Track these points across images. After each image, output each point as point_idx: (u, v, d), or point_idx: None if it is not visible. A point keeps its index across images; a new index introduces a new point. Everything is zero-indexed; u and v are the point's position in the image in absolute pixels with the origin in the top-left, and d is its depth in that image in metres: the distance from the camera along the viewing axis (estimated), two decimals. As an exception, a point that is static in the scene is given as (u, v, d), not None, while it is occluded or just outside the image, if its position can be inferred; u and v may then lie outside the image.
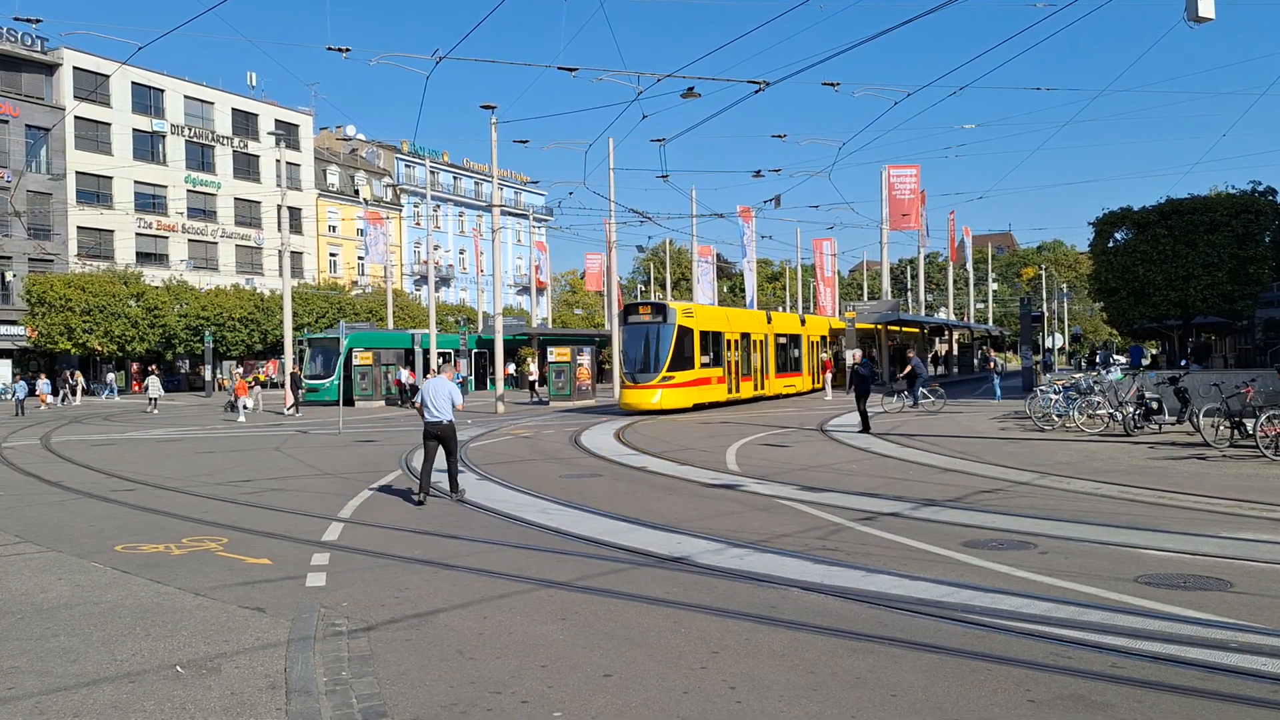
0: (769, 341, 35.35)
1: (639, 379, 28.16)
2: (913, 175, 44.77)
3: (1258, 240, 28.32)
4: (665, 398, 27.91)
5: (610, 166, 39.23)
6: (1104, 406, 19.65)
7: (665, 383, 27.97)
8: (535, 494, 12.28)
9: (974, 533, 9.11)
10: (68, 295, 48.22)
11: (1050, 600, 6.63)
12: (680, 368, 28.37)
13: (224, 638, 6.12)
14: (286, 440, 21.72)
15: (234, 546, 9.13)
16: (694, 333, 29.10)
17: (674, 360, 28.14)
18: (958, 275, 79.23)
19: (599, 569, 7.93)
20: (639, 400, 27.92)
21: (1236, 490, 11.51)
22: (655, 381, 27.85)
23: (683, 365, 28.47)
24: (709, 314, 32.08)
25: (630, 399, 28.22)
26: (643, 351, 28.51)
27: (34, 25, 45.44)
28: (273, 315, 54.35)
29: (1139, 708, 4.68)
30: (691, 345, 28.92)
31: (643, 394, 27.88)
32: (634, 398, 28.06)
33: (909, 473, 13.90)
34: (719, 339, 30.96)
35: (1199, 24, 12.79)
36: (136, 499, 12.61)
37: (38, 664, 5.65)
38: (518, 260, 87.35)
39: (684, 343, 28.59)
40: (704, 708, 4.82)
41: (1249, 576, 7.22)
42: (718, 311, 34.39)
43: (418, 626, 6.35)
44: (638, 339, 28.94)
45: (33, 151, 52.49)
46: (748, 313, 37.76)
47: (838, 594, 6.94)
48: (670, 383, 28.07)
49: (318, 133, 74.46)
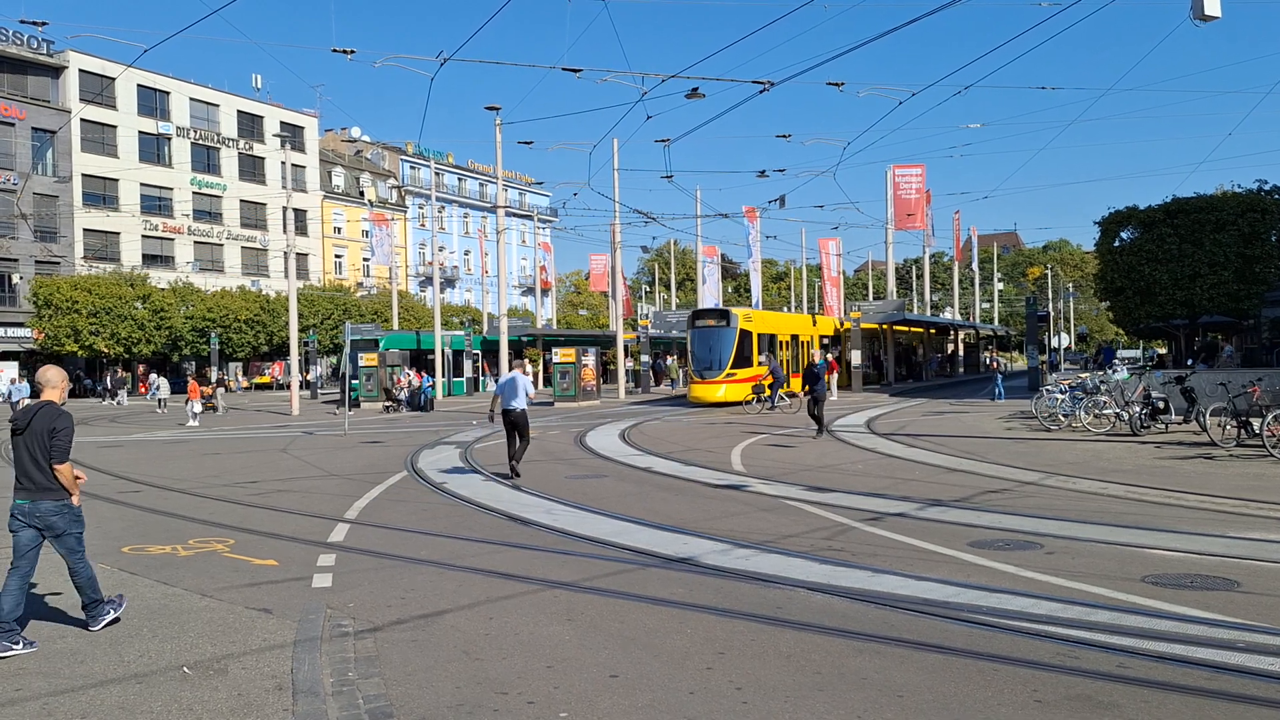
0: (814, 341, 38.52)
1: (705, 375, 32.07)
2: (918, 175, 44.71)
3: (1264, 239, 28.24)
4: (728, 391, 31.35)
5: (615, 167, 39.31)
6: (1110, 406, 19.61)
7: (729, 378, 31.63)
8: (541, 495, 12.29)
9: (980, 533, 9.10)
10: (74, 297, 48.36)
11: (1057, 600, 6.62)
12: (741, 365, 31.91)
13: (231, 639, 6.13)
14: (293, 441, 21.76)
15: (241, 548, 9.15)
16: (753, 335, 32.84)
17: (736, 359, 31.86)
18: (963, 275, 79.11)
19: (605, 570, 7.93)
20: (706, 393, 31.72)
21: (1243, 490, 11.48)
22: (720, 377, 31.62)
23: (743, 363, 31.98)
24: (765, 318, 36.35)
25: (698, 392, 32.14)
26: (709, 351, 32.34)
27: (40, 28, 45.70)
28: (278, 317, 54.45)
29: (1146, 708, 4.67)
30: (751, 345, 32.49)
31: (709, 388, 31.73)
32: (701, 391, 31.98)
33: (915, 473, 13.88)
34: (773, 340, 34.80)
35: (1205, 22, 12.77)
36: (143, 500, 12.64)
37: (45, 665, 5.67)
38: (522, 261, 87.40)
39: (744, 343, 32.25)
40: (710, 708, 4.82)
41: (1256, 576, 7.20)
42: (772, 315, 38.91)
43: (424, 627, 6.36)
44: (705, 340, 32.68)
45: (39, 154, 52.65)
46: (797, 316, 42.56)
47: (844, 594, 6.93)
48: (733, 378, 31.61)
49: (323, 134, 74.62)
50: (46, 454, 6.08)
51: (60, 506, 6.14)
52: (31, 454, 6.10)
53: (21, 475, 6.14)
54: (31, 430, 6.10)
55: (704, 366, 32.36)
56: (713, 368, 32.01)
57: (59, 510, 6.14)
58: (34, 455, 6.10)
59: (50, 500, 6.11)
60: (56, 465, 6.09)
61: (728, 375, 31.69)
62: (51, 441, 6.07)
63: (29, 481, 6.11)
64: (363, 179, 75.79)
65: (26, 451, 6.11)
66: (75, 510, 6.22)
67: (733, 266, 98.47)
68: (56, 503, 6.13)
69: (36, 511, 6.09)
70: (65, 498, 6.16)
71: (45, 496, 6.11)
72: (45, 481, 6.10)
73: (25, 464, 6.12)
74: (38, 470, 6.09)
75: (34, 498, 6.10)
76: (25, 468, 6.12)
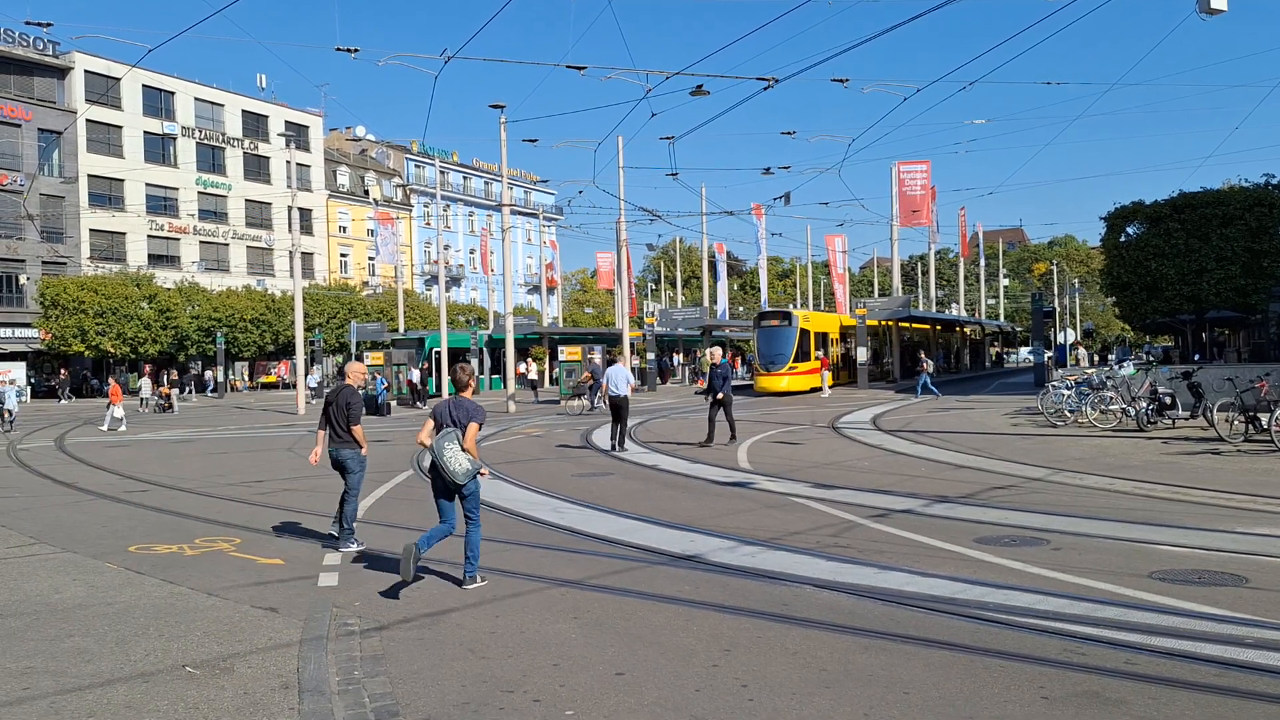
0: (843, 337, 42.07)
1: (770, 368, 36.41)
2: (923, 171, 44.56)
3: (1271, 234, 28.07)
4: (791, 382, 35.86)
5: (620, 165, 39.19)
6: (1117, 402, 19.55)
7: (791, 371, 35.99)
8: (547, 493, 12.29)
9: (987, 529, 9.08)
10: (80, 298, 48.49)
11: (1064, 597, 6.60)
12: (801, 360, 36.36)
13: (237, 638, 6.14)
14: (299, 440, 21.79)
15: (247, 547, 9.16)
16: (810, 333, 37.21)
17: (797, 354, 36.15)
18: (969, 271, 78.94)
19: (611, 567, 7.93)
20: (771, 384, 35.94)
21: (1251, 485, 11.44)
22: (783, 370, 35.87)
23: (803, 358, 36.49)
24: (819, 318, 40.89)
25: (764, 384, 36.43)
26: (773, 347, 36.58)
27: (45, 29, 45.79)
28: (284, 316, 54.51)
29: (1154, 704, 4.65)
30: (809, 342, 36.93)
31: (774, 379, 35.98)
32: (767, 383, 36.24)
33: (921, 469, 13.85)
34: (825, 337, 39.21)
35: (1211, 16, 12.70)
36: (150, 500, 12.67)
37: (52, 664, 5.68)
38: (528, 259, 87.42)
39: (804, 340, 36.64)
40: (716, 706, 4.81)
41: (1264, 572, 7.17)
42: (825, 315, 43.28)
43: (430, 626, 6.36)
44: (769, 338, 37.03)
45: (45, 155, 52.78)
46: (836, 315, 45.31)
47: (850, 591, 6.92)
48: (794, 371, 36.00)
49: (327, 134, 74.65)
50: (346, 419, 8.85)
51: (353, 454, 8.93)
52: (338, 418, 8.89)
53: (333, 431, 8.96)
54: (336, 403, 8.91)
55: (769, 361, 36.57)
56: (776, 362, 36.11)
57: (352, 456, 8.95)
58: (338, 419, 8.89)
59: (347, 449, 8.92)
60: (353, 426, 8.88)
61: (790, 368, 35.86)
62: (349, 411, 8.87)
63: (337, 435, 8.93)
64: (368, 178, 75.83)
65: (335, 415, 8.91)
66: (362, 459, 9.01)
67: (738, 264, 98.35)
68: (351, 451, 8.93)
69: (338, 455, 8.93)
70: (357, 449, 8.94)
71: (344, 446, 8.91)
72: (347, 436, 8.89)
73: (335, 423, 8.92)
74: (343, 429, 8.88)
75: (338, 446, 8.92)
76: (335, 426, 8.93)
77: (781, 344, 36.33)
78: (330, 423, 8.98)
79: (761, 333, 37.75)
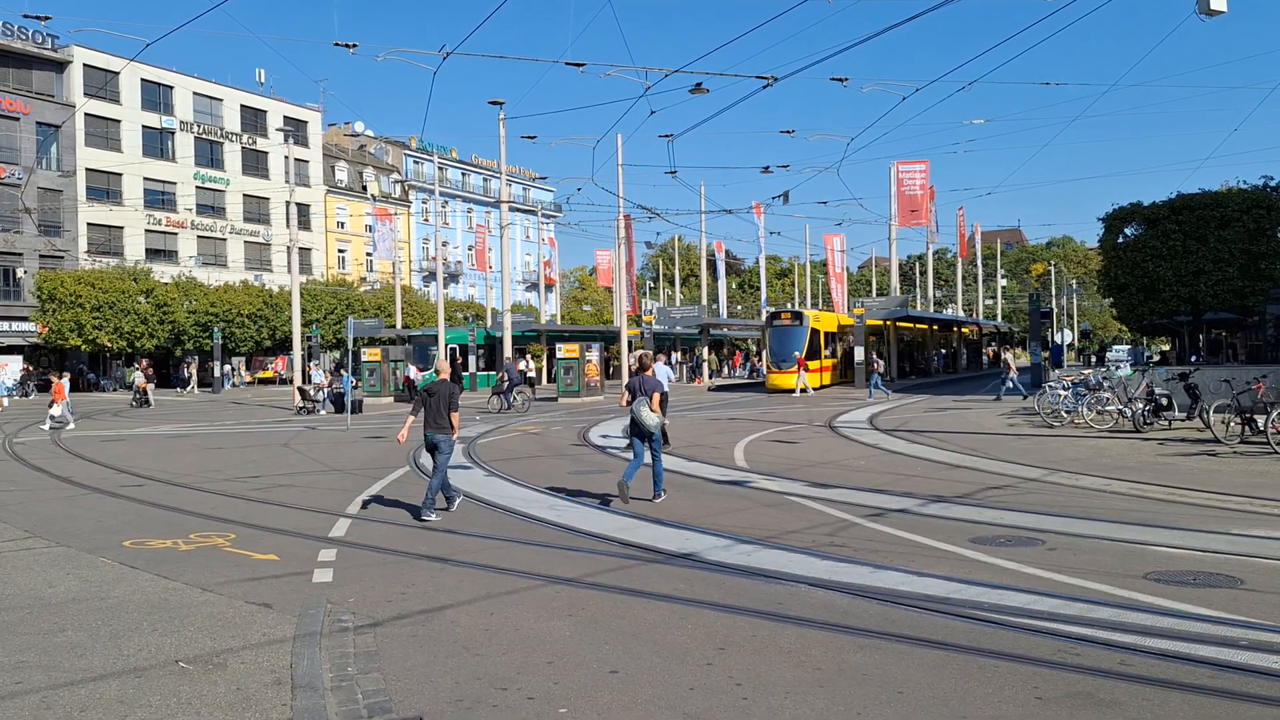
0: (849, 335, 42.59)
1: (782, 366, 37.28)
2: (922, 171, 44.58)
3: (1269, 235, 28.09)
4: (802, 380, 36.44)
5: (619, 162, 39.21)
6: (1113, 403, 19.56)
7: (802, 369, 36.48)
8: (544, 490, 12.28)
9: (982, 529, 9.08)
10: (78, 292, 48.40)
11: (1058, 597, 6.60)
12: (812, 358, 37.38)
13: (230, 633, 6.12)
14: (296, 436, 21.77)
15: (241, 542, 9.15)
16: (820, 332, 38.58)
17: (808, 352, 37.00)
18: (967, 271, 78.98)
19: (606, 565, 7.92)
20: (783, 382, 36.77)
21: (1247, 487, 11.45)
22: (794, 368, 36.12)
23: (814, 356, 37.58)
24: (828, 317, 42.02)
25: (776, 381, 37.41)
26: (785, 346, 37.46)
27: (43, 22, 45.67)
28: (281, 311, 54.42)
29: (1148, 705, 4.65)
30: (819, 341, 38.34)
31: (786, 377, 36.56)
32: (779, 380, 37.17)
33: (917, 469, 13.86)
34: (833, 336, 40.42)
35: (1210, 17, 12.70)
36: (145, 494, 12.64)
37: (45, 659, 5.67)
38: (526, 257, 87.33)
39: (815, 339, 37.93)
40: (710, 704, 4.81)
41: (1259, 574, 7.18)
42: (830, 315, 44.05)
43: (424, 622, 6.35)
44: (780, 337, 38.06)
45: (43, 148, 52.67)
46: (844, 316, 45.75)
47: (845, 590, 6.92)
48: (805, 369, 36.33)
49: (326, 129, 74.52)
50: (448, 407, 10.42)
51: (446, 438, 10.45)
52: (438, 408, 10.42)
53: (433, 419, 10.43)
54: (439, 394, 10.45)
55: (779, 359, 37.58)
56: (787, 360, 36.83)
57: (445, 439, 10.46)
58: (440, 408, 10.42)
59: (442, 435, 10.44)
60: (453, 413, 10.46)
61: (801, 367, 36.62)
62: (451, 400, 10.44)
63: (436, 423, 10.44)
64: (366, 174, 75.75)
65: (438, 405, 10.43)
66: (452, 442, 10.57)
67: (736, 263, 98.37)
68: (445, 435, 10.45)
69: (433, 439, 10.43)
70: (450, 433, 10.47)
71: (440, 431, 10.42)
72: (445, 423, 10.44)
73: (438, 413, 10.43)
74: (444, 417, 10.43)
75: (435, 431, 10.42)
76: (435, 414, 10.44)
77: (793, 343, 37.30)
78: (429, 411, 10.44)
79: (774, 332, 38.68)
